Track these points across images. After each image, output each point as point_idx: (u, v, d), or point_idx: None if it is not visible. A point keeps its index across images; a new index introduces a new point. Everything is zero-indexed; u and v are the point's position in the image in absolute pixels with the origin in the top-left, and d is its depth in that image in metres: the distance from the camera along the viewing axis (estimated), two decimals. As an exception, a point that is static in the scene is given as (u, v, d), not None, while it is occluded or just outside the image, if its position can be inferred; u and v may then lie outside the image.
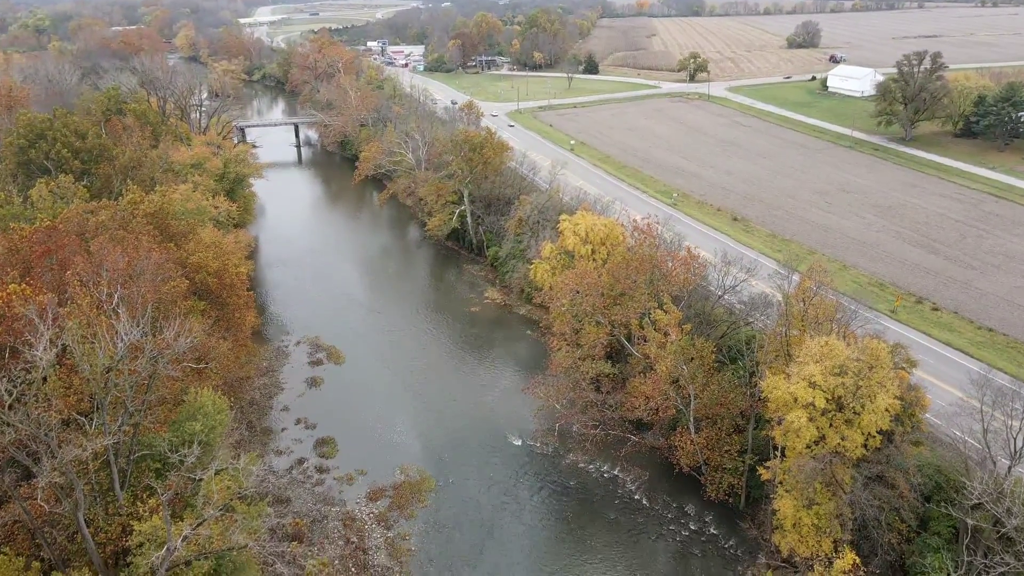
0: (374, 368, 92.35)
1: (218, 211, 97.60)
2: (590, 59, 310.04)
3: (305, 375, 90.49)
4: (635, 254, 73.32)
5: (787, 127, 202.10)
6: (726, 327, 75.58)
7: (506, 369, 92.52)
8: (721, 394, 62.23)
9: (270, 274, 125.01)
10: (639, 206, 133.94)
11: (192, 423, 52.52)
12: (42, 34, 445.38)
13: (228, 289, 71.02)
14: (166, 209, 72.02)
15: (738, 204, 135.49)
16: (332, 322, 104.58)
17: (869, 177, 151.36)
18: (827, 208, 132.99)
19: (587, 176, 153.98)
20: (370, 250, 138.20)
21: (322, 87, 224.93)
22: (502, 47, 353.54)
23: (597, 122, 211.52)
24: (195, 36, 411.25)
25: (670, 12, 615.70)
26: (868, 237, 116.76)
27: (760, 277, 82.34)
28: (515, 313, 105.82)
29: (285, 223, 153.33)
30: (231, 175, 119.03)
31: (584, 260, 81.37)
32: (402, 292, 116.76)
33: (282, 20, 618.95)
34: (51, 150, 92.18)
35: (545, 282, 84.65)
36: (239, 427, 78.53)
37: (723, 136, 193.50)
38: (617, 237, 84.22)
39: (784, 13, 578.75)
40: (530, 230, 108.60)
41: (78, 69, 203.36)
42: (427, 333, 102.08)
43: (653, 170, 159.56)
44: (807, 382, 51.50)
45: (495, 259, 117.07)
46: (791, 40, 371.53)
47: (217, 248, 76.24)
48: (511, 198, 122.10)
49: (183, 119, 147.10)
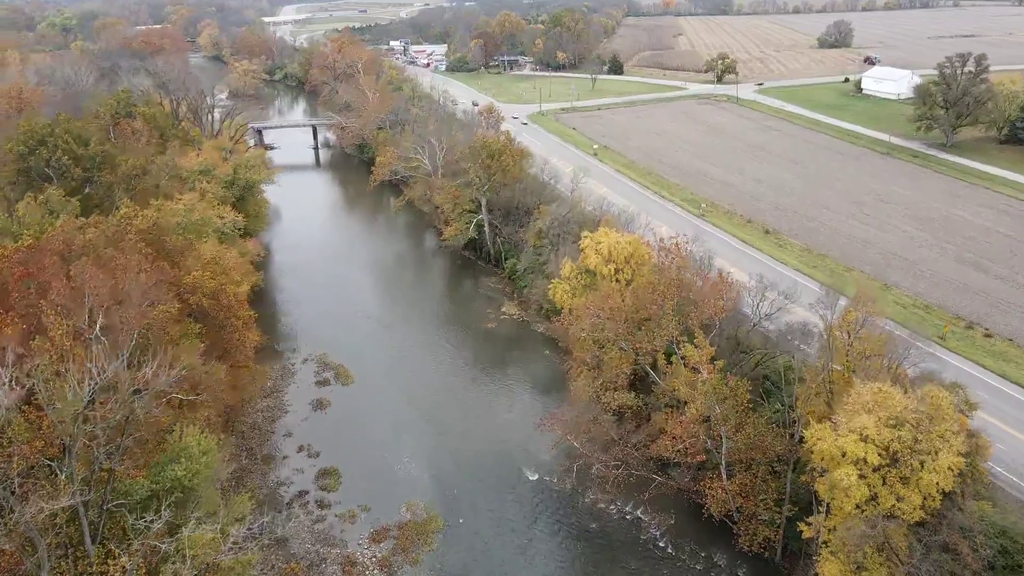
0: (383, 389, 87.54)
1: (223, 221, 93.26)
2: (614, 59, 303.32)
3: (311, 396, 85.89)
4: (662, 277, 67.59)
5: (819, 131, 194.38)
6: (760, 356, 69.64)
7: (522, 392, 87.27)
8: (757, 437, 56.40)
9: (281, 283, 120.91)
10: (665, 216, 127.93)
11: (173, 467, 47.90)
12: (68, 33, 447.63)
13: (225, 311, 66.48)
14: (161, 224, 67.63)
15: (769, 215, 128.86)
16: (342, 337, 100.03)
17: (908, 186, 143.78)
18: (864, 220, 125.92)
19: (610, 183, 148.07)
20: (384, 258, 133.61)
21: (340, 88, 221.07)
22: (525, 47, 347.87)
23: (621, 125, 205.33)
24: (218, 35, 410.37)
25: (697, 11, 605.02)
26: (910, 252, 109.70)
27: (797, 300, 76.12)
28: (533, 330, 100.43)
29: (299, 228, 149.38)
30: (241, 181, 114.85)
31: (607, 281, 75.82)
32: (415, 304, 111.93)
33: (306, 19, 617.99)
34: (51, 157, 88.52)
35: (564, 304, 79.17)
36: (238, 454, 74.31)
37: (752, 140, 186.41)
38: (642, 256, 78.54)
39: (814, 12, 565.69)
40: (550, 243, 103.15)
41: (95, 69, 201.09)
42: (440, 350, 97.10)
43: (679, 177, 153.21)
44: (858, 435, 45.59)
45: (513, 272, 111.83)
46: (822, 40, 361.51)
47: (216, 265, 71.74)
48: (531, 207, 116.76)
49: (196, 122, 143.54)
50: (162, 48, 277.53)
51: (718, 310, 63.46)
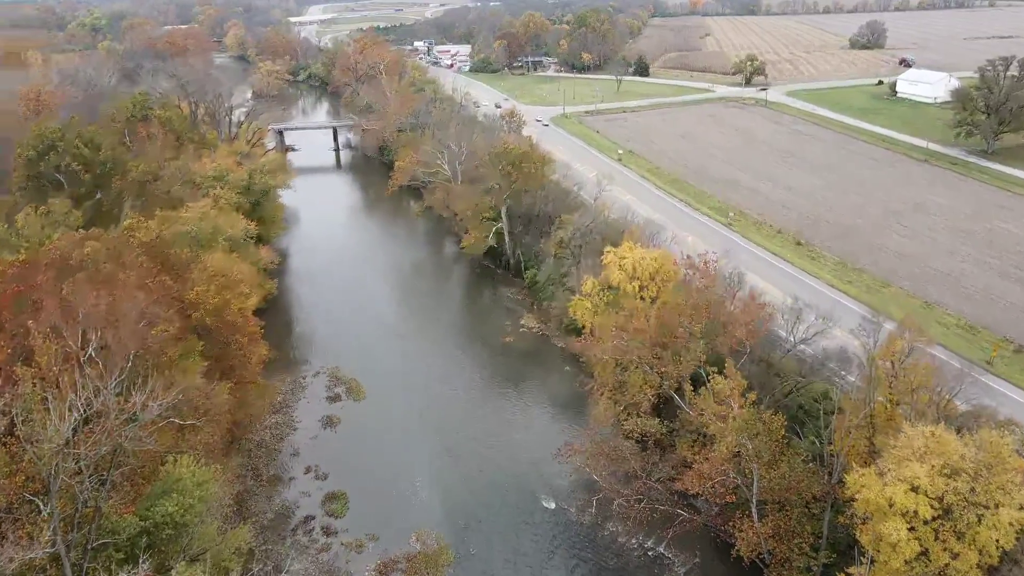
0: (395, 406, 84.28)
1: (235, 230, 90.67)
2: (640, 60, 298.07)
3: (321, 413, 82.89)
4: (689, 298, 63.47)
5: (852, 136, 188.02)
6: (794, 383, 65.25)
7: (540, 411, 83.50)
8: (792, 476, 52.11)
9: (297, 290, 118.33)
10: (692, 226, 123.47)
11: (165, 502, 44.93)
12: (98, 33, 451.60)
13: (229, 328, 63.59)
14: (166, 236, 64.95)
15: (801, 225, 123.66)
16: (356, 348, 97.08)
17: (948, 195, 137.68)
18: (901, 231, 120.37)
19: (635, 190, 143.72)
20: (402, 264, 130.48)
21: (362, 89, 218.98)
22: (549, 47, 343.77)
23: (647, 128, 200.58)
24: (244, 35, 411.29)
25: (724, 10, 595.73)
26: (952, 267, 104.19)
27: (835, 322, 71.47)
28: (553, 345, 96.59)
29: (318, 231, 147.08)
30: (257, 187, 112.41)
31: (631, 299, 71.83)
32: (432, 314, 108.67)
33: (331, 19, 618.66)
34: (61, 163, 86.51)
35: (586, 322, 75.34)
36: (244, 475, 71.53)
37: (782, 145, 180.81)
38: (668, 272, 74.42)
39: (845, 12, 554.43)
40: (571, 254, 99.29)
41: (117, 70, 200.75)
42: (456, 365, 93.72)
43: (706, 183, 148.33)
44: (908, 485, 41.29)
45: (533, 283, 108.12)
46: (854, 40, 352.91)
47: (223, 278, 68.99)
48: (553, 215, 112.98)
49: (214, 125, 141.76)
50: (186, 49, 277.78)
51: (749, 335, 59.24)
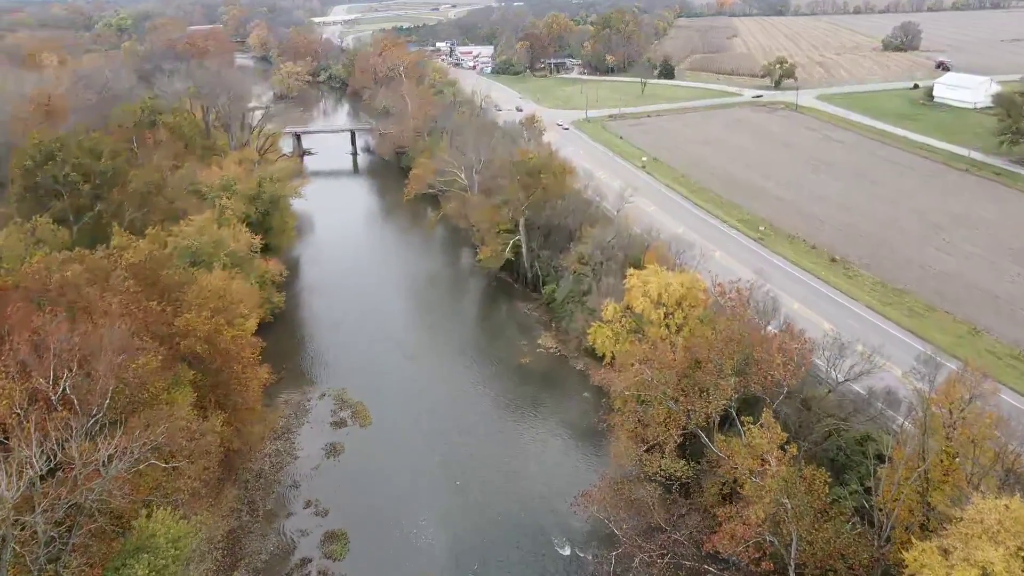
0: (403, 433, 79.59)
1: (237, 244, 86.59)
2: (665, 63, 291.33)
3: (324, 440, 78.41)
4: (720, 332, 57.88)
5: (887, 143, 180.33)
6: (834, 425, 59.41)
7: (556, 441, 78.26)
8: (837, 541, 46.45)
9: (307, 302, 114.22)
10: (719, 240, 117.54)
11: (134, 564, 40.50)
12: (123, 33, 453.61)
13: (222, 356, 59.21)
14: (157, 256, 60.76)
15: (835, 239, 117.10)
16: (364, 368, 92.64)
17: (993, 208, 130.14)
18: (944, 247, 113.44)
19: (660, 200, 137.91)
20: (417, 276, 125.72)
21: (380, 92, 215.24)
22: (572, 49, 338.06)
23: (672, 134, 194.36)
24: (266, 36, 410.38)
25: (752, 11, 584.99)
26: (1002, 289, 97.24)
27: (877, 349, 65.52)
28: (571, 367, 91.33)
29: (332, 239, 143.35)
30: (266, 196, 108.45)
31: (655, 327, 66.42)
32: (445, 331, 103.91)
33: (355, 19, 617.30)
34: (60, 173, 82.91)
35: (607, 350, 70.04)
36: (239, 508, 67.29)
37: (813, 152, 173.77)
38: (696, 297, 68.89)
39: (876, 12, 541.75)
40: (592, 271, 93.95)
41: (134, 73, 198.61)
42: (468, 388, 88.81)
43: (735, 193, 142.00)
44: (979, 571, 35.60)
45: (551, 299, 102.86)
46: (887, 42, 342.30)
47: (219, 300, 64.67)
48: (573, 228, 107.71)
49: (226, 131, 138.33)
50: (206, 50, 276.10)
51: (787, 374, 53.59)
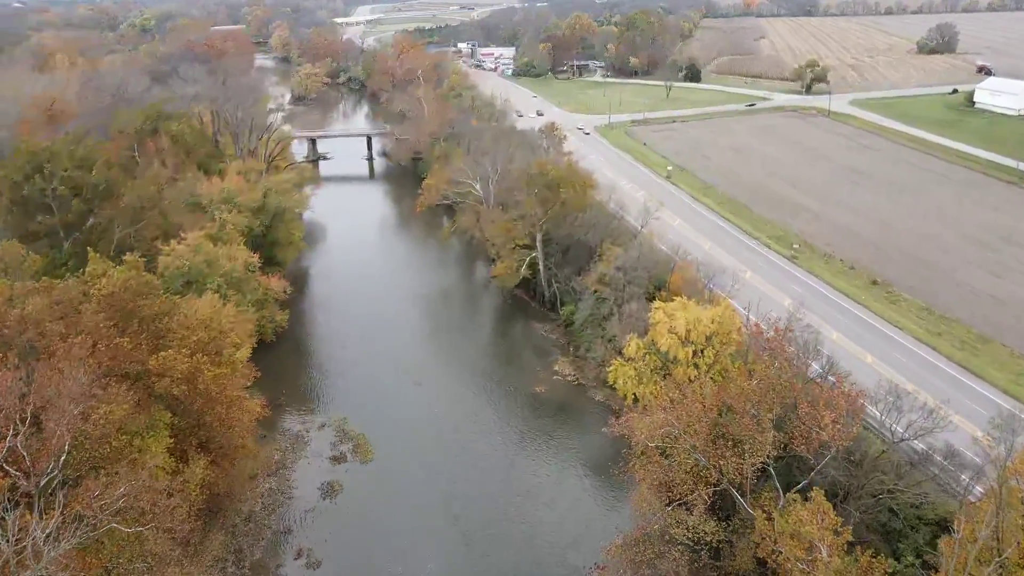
0: (406, 471, 73.77)
1: (234, 263, 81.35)
2: (692, 66, 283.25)
3: (322, 478, 72.78)
4: (760, 381, 51.26)
5: (926, 152, 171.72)
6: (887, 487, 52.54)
7: (570, 483, 71.90)
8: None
9: (312, 319, 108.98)
10: (749, 258, 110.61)
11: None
12: (146, 33, 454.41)
13: (203, 399, 53.72)
14: (135, 286, 55.44)
15: (874, 258, 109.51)
16: (368, 395, 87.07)
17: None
18: (993, 268, 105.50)
19: (686, 213, 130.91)
20: (429, 291, 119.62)
21: (397, 95, 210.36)
22: (596, 50, 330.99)
23: (698, 141, 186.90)
24: (288, 36, 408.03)
25: (780, 11, 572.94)
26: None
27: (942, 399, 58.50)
28: (589, 398, 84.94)
29: (343, 247, 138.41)
30: (271, 208, 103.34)
31: (683, 366, 59.95)
32: (455, 354, 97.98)
33: (378, 19, 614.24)
34: (47, 187, 78.20)
35: (628, 391, 63.66)
36: (224, 558, 61.80)
37: (848, 162, 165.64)
38: (728, 333, 62.29)
39: (909, 13, 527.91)
40: (613, 294, 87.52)
41: (148, 75, 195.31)
42: (477, 418, 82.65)
43: (765, 207, 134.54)
44: None
45: (569, 321, 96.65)
46: (922, 44, 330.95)
47: (204, 331, 59.28)
48: (594, 245, 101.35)
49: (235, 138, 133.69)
50: (224, 52, 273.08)
51: (835, 434, 46.83)
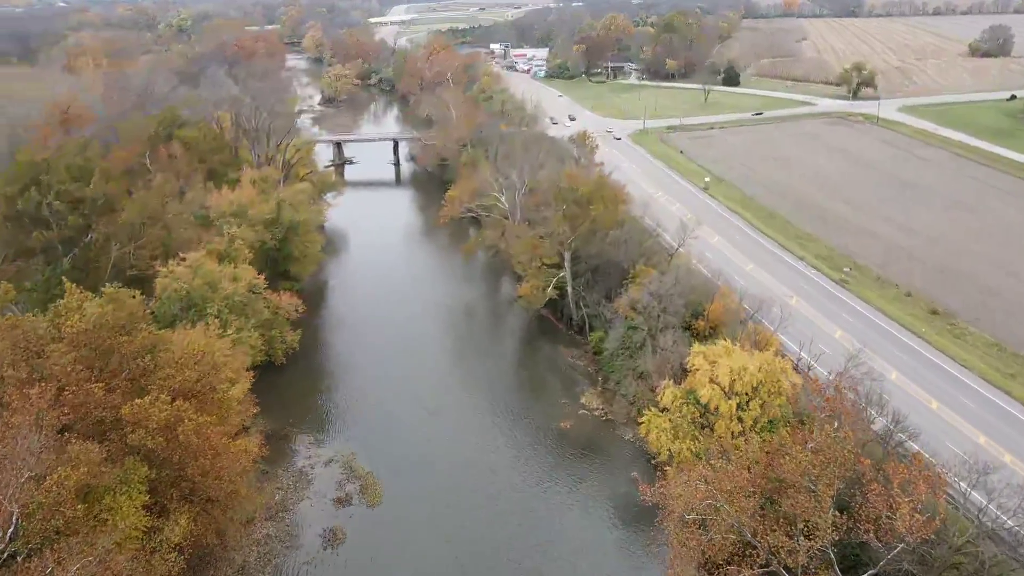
0: (415, 517, 67.48)
1: (238, 284, 75.93)
2: (730, 69, 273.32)
3: (325, 523, 66.86)
4: (818, 451, 43.86)
5: (985, 164, 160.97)
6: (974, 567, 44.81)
7: (597, 538, 64.81)
8: None
9: (326, 338, 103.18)
10: (794, 280, 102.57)
11: None
12: (183, 33, 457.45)
13: (183, 451, 47.98)
14: (110, 321, 49.94)
15: (932, 283, 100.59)
16: (379, 428, 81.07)
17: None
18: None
19: (725, 229, 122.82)
20: (451, 310, 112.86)
21: (425, 98, 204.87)
22: (631, 52, 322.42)
23: (737, 149, 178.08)
24: (321, 37, 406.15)
25: (822, 12, 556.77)
26: None
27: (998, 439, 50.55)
28: (618, 436, 77.85)
29: (363, 261, 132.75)
30: (284, 221, 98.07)
31: (725, 420, 52.68)
32: (475, 382, 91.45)
33: (411, 19, 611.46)
34: (43, 200, 73.58)
35: (662, 447, 56.52)
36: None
37: (899, 174, 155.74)
38: (777, 381, 54.83)
39: (958, 13, 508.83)
40: (646, 323, 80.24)
41: (176, 76, 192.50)
42: (495, 458, 75.92)
43: (809, 222, 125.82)
44: None
45: (599, 349, 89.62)
46: (975, 47, 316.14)
47: (196, 366, 53.69)
48: (626, 265, 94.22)
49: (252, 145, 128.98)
50: (255, 52, 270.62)
51: (913, 525, 39.27)
